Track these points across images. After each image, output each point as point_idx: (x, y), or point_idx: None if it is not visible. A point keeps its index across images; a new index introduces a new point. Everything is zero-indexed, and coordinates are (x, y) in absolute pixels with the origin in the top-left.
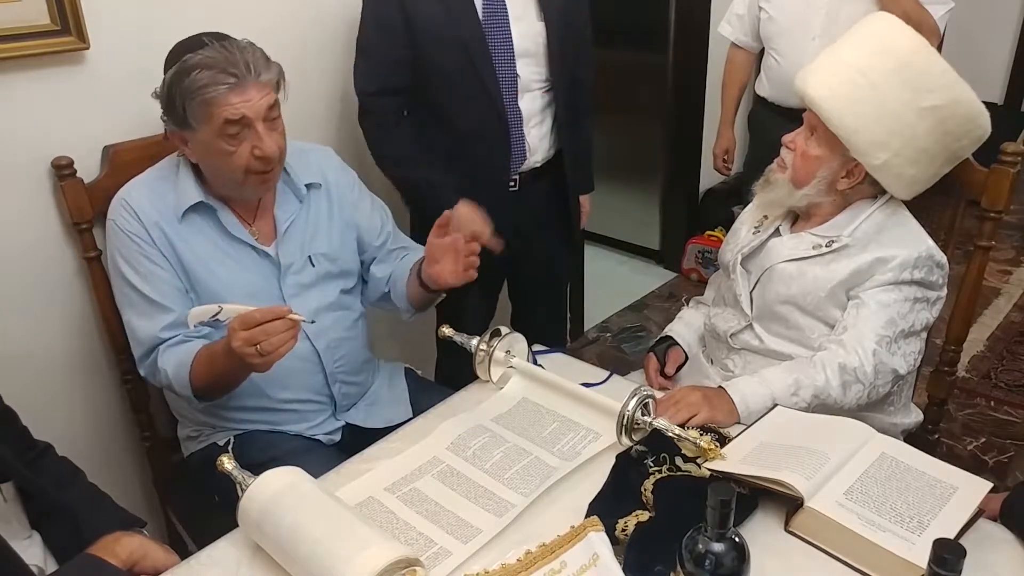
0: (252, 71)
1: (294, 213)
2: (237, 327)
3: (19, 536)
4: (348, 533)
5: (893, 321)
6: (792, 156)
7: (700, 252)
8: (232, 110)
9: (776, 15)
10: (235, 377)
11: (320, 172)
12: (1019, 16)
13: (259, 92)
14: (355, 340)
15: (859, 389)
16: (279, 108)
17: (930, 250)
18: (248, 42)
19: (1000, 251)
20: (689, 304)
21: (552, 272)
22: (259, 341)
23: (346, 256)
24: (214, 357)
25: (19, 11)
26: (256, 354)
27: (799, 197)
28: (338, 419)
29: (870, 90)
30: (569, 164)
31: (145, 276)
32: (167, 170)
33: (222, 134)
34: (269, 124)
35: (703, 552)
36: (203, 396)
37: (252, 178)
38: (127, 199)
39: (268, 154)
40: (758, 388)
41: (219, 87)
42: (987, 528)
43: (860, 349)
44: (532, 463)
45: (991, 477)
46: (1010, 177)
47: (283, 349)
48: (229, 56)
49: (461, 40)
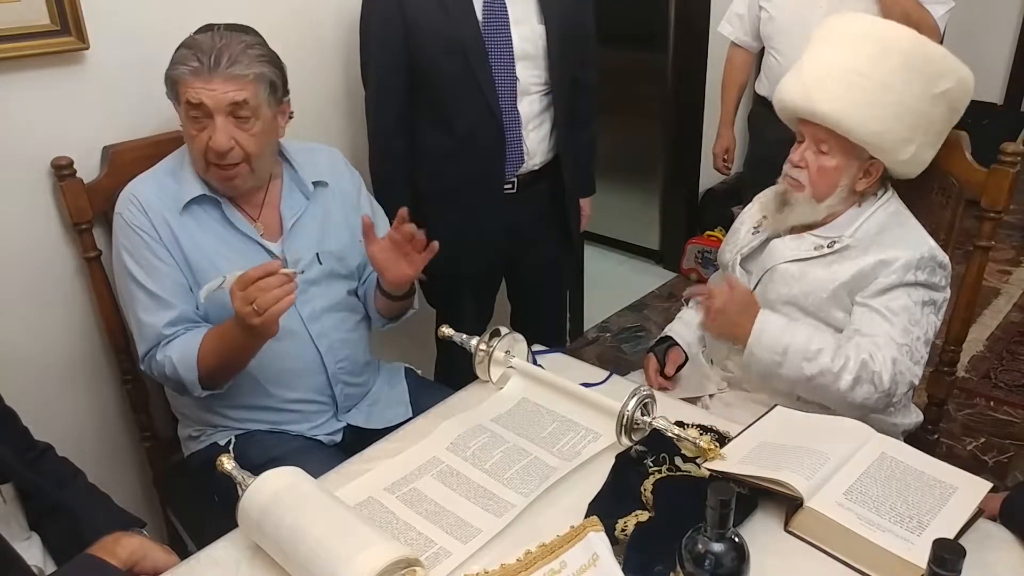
0: (221, 62)
1: (300, 209)
2: (236, 289)
3: (19, 537)
4: (348, 533)
5: (908, 329)
6: (805, 174)
7: (700, 252)
8: (193, 93)
9: (776, 14)
10: (243, 351)
11: (328, 172)
12: (1019, 16)
13: (225, 84)
14: (358, 342)
15: (869, 391)
16: (254, 109)
17: (932, 250)
18: (245, 37)
19: (1000, 251)
20: (689, 304)
21: (551, 274)
22: (255, 298)
23: (353, 256)
24: (223, 332)
25: (19, 11)
26: (254, 312)
27: (823, 209)
28: (340, 420)
29: (883, 91)
30: (567, 167)
31: (149, 271)
32: (174, 162)
33: (187, 115)
34: (235, 121)
35: (703, 552)
36: (208, 381)
37: (213, 169)
38: (135, 192)
39: (216, 147)
40: (780, 332)
41: (184, 67)
42: (987, 528)
43: (880, 357)
44: (532, 463)
45: (991, 477)
46: (1010, 177)
47: (280, 305)
48: (209, 43)
49: (458, 42)
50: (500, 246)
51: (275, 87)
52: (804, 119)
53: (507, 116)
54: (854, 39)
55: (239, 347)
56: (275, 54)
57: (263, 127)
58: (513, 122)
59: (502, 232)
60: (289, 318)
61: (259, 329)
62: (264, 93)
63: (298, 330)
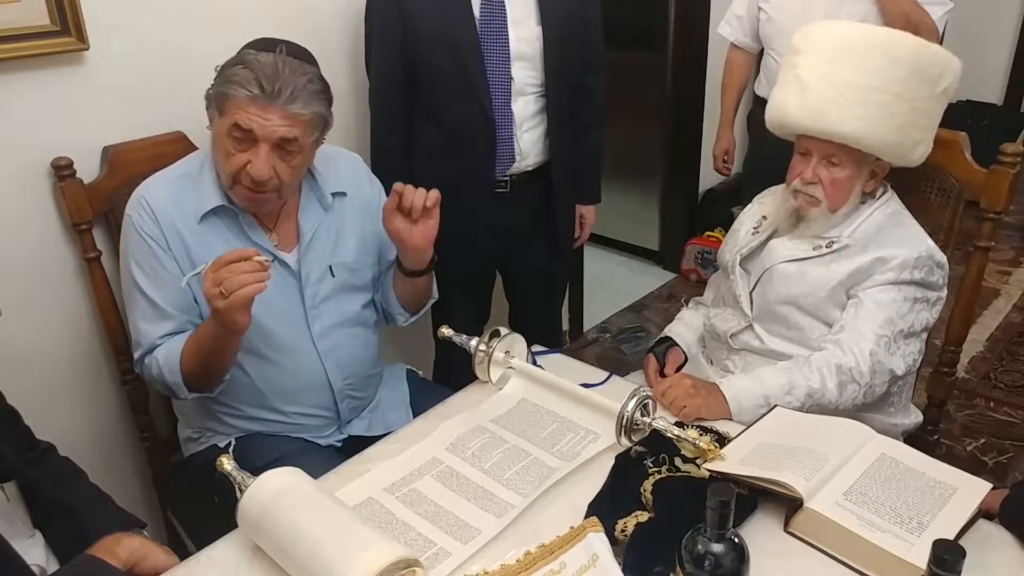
0: (283, 95)
1: (318, 222)
2: (208, 272)
3: (22, 536)
4: (347, 534)
5: (891, 321)
6: (819, 188)
7: (699, 253)
8: (245, 117)
9: (775, 15)
10: (216, 344)
11: (348, 182)
12: (1019, 16)
13: (281, 119)
14: (366, 357)
15: (855, 389)
16: (301, 146)
17: (930, 250)
18: (309, 69)
19: (999, 252)
20: (688, 305)
21: (543, 278)
22: (223, 280)
23: (366, 268)
24: (200, 328)
25: (19, 11)
26: (220, 295)
27: (840, 217)
28: (342, 432)
29: (899, 103)
30: (558, 171)
31: (154, 280)
32: (191, 168)
33: (230, 134)
34: (278, 152)
35: (702, 553)
36: (193, 382)
37: (239, 188)
38: (147, 196)
39: (255, 176)
40: (751, 385)
41: (243, 91)
42: (987, 528)
43: (856, 349)
44: (531, 464)
45: (990, 478)
46: (1009, 178)
47: (246, 291)
48: (272, 69)
49: (453, 39)
50: (492, 246)
51: (326, 124)
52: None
53: (500, 115)
54: (859, 53)
55: (212, 340)
56: (328, 87)
57: (303, 160)
58: (506, 121)
59: (494, 232)
60: (298, 335)
61: (224, 315)
62: (315, 133)
63: (306, 347)
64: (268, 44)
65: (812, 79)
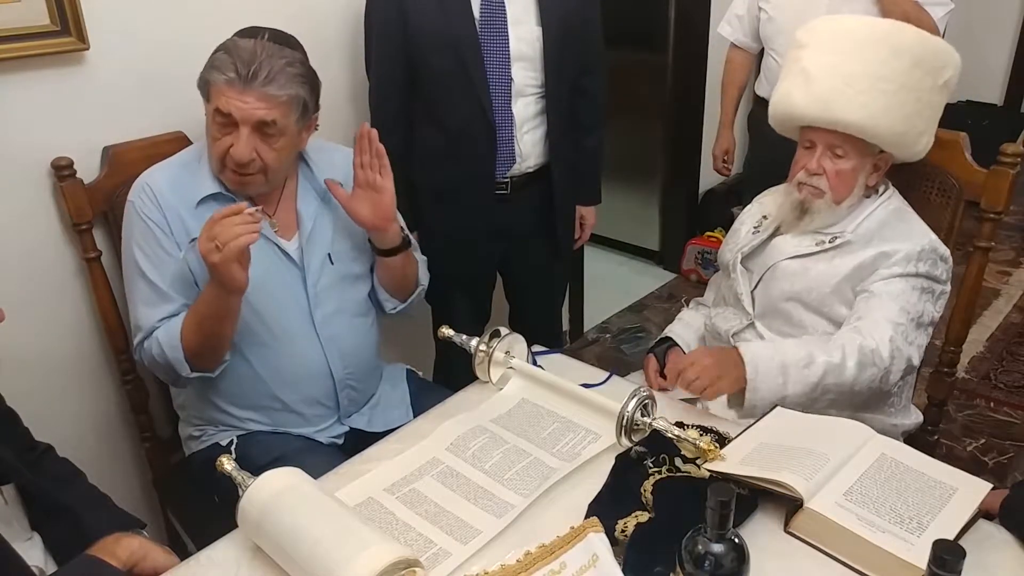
0: (258, 78)
1: (316, 212)
2: (203, 230)
3: (20, 537)
4: (348, 534)
5: (905, 309)
6: (824, 180)
7: (700, 253)
8: (224, 102)
9: (776, 15)
10: (216, 309)
11: (342, 172)
12: (1019, 16)
13: (258, 101)
14: (367, 348)
15: (874, 372)
16: (281, 128)
17: (933, 243)
18: (288, 52)
19: (999, 252)
20: (689, 305)
21: (543, 279)
22: (216, 234)
23: (362, 257)
24: (199, 297)
25: (19, 11)
26: (215, 249)
27: (844, 210)
28: (343, 424)
29: (904, 93)
30: (558, 173)
31: (155, 262)
32: (191, 157)
33: (214, 119)
34: (259, 135)
35: (703, 553)
36: (195, 359)
37: (227, 172)
38: (149, 182)
39: (236, 158)
40: (770, 353)
41: (222, 75)
42: (987, 528)
43: (877, 335)
44: (532, 464)
45: (990, 478)
46: (1009, 178)
47: (239, 241)
48: (249, 53)
49: (453, 40)
50: (493, 247)
51: (307, 107)
52: (814, 126)
53: (500, 116)
54: (864, 44)
55: (211, 303)
56: (313, 72)
57: (287, 143)
58: (506, 122)
59: (495, 233)
60: (301, 321)
61: (221, 269)
62: (295, 114)
63: (308, 333)
64: (252, 31)
65: (818, 70)
